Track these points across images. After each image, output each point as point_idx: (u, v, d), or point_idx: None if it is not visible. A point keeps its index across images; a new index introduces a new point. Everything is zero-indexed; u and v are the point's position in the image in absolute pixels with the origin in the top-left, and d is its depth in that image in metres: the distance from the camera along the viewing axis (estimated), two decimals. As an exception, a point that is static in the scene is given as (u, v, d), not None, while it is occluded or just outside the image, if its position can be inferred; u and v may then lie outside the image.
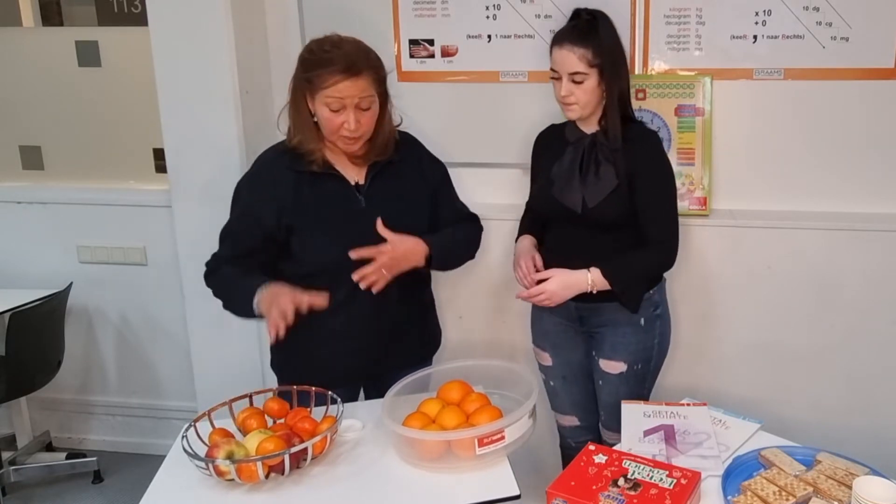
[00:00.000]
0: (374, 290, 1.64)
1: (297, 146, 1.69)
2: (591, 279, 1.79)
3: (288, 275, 1.68)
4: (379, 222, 1.65)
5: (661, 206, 1.85)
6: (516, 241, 2.03)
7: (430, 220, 1.82)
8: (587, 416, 2.06)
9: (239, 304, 1.69)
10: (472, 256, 1.91)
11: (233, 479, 1.38)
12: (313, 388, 1.63)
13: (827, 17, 2.12)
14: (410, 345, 1.85)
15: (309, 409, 1.60)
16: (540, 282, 1.82)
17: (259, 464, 1.36)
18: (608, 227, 1.84)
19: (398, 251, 1.66)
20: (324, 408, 1.60)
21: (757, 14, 2.15)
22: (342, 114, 1.61)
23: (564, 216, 1.87)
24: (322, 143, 1.70)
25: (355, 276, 1.63)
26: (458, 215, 1.90)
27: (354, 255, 1.62)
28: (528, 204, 2.09)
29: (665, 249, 1.86)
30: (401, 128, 1.82)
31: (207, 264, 1.77)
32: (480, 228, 1.94)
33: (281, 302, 1.57)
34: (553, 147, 1.94)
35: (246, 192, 1.75)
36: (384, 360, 1.80)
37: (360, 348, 1.78)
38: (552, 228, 1.97)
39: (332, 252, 1.66)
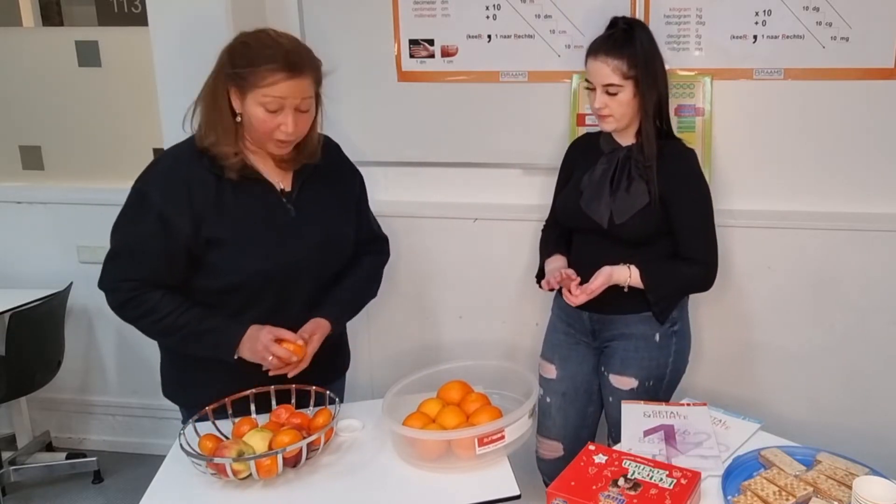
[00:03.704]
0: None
1: (209, 147, 1.51)
2: (630, 275, 1.76)
3: (199, 289, 1.56)
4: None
5: (700, 227, 1.82)
6: (543, 259, 1.96)
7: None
8: (574, 446, 1.94)
9: (211, 351, 1.56)
10: (373, 296, 1.81)
11: (246, 478, 1.39)
12: (293, 385, 1.60)
13: (827, 17, 2.12)
14: (325, 363, 1.71)
15: (292, 406, 1.59)
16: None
17: (280, 457, 1.38)
18: (634, 244, 1.80)
19: (313, 344, 1.58)
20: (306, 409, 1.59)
21: (757, 14, 2.15)
22: (279, 115, 1.48)
23: (590, 229, 1.83)
24: (241, 146, 1.55)
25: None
26: (370, 235, 1.81)
27: (273, 372, 1.55)
28: (549, 219, 2.04)
29: (706, 270, 1.83)
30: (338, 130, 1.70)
31: (108, 288, 1.55)
32: (386, 255, 1.86)
33: (268, 344, 1.50)
34: (587, 156, 1.90)
35: (157, 196, 1.50)
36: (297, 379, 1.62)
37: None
38: (577, 240, 1.93)
39: (260, 267, 1.55)
